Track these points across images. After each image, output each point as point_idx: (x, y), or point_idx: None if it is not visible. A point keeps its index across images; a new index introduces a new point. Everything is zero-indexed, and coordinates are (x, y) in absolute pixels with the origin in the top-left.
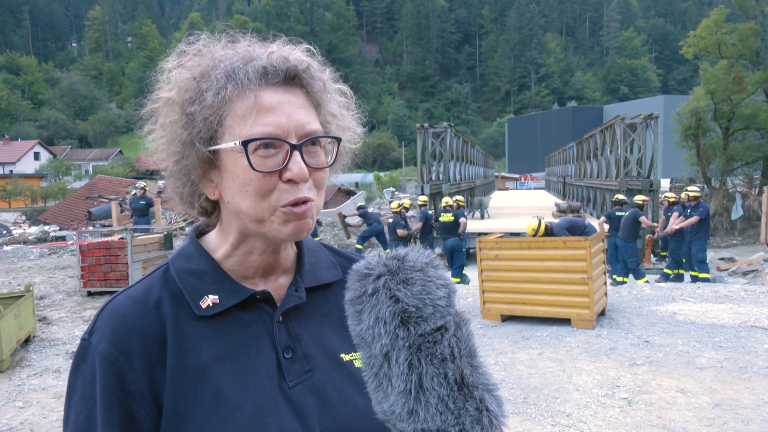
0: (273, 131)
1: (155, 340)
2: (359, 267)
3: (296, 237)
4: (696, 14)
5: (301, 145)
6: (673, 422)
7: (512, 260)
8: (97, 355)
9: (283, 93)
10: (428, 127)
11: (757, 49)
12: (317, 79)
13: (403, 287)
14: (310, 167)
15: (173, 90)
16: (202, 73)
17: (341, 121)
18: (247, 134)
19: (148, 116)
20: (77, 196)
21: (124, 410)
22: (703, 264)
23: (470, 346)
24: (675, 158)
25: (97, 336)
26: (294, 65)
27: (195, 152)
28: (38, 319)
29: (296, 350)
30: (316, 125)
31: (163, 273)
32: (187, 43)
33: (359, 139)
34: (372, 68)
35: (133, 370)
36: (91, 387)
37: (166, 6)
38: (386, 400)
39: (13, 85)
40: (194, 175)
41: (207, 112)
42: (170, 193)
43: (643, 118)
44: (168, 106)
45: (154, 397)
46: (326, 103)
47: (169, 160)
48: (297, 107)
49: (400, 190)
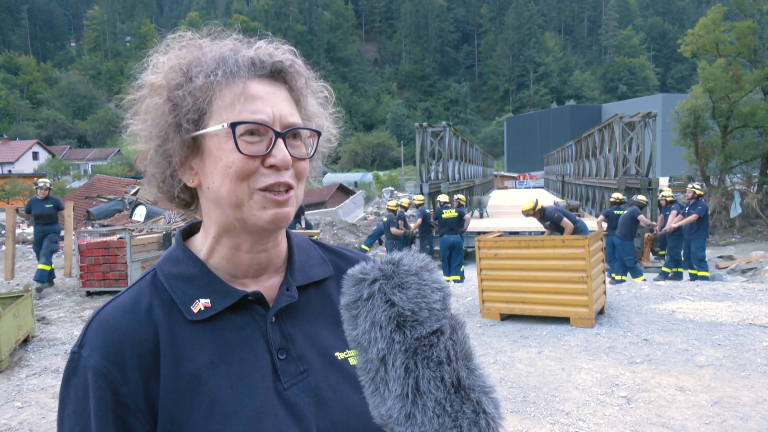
0: (261, 118)
1: (148, 350)
2: (354, 272)
3: (276, 225)
4: (694, 13)
5: (285, 133)
6: (672, 420)
7: (511, 259)
8: (89, 368)
9: (268, 85)
10: (427, 126)
11: (755, 47)
12: (301, 76)
13: (398, 291)
14: (292, 156)
15: (160, 76)
16: (190, 61)
17: (320, 119)
18: (236, 118)
19: (130, 105)
20: (76, 195)
21: (120, 422)
22: (702, 262)
23: (466, 348)
24: (673, 157)
25: (87, 348)
26: (280, 60)
27: (180, 136)
28: (37, 319)
29: (290, 351)
30: (298, 118)
31: (152, 279)
32: (174, 38)
33: (335, 139)
34: (371, 67)
35: (127, 381)
36: (84, 401)
37: (164, 5)
38: (383, 405)
39: (11, 85)
40: (175, 161)
41: (196, 95)
42: (147, 180)
43: (642, 116)
44: (153, 91)
45: (149, 407)
46: (307, 100)
47: (150, 144)
48: (281, 100)
49: (399, 190)
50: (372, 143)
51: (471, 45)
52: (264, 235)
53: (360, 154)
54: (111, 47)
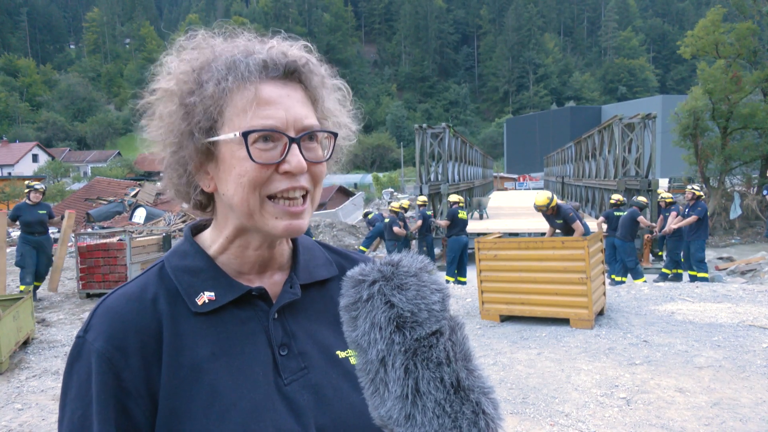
0: (273, 124)
1: (151, 337)
2: (353, 273)
3: (291, 235)
4: (694, 14)
5: (299, 138)
6: (671, 421)
7: (511, 260)
8: (93, 352)
9: (282, 87)
10: (427, 128)
11: (755, 49)
12: (316, 74)
13: (397, 292)
14: (307, 161)
15: (172, 81)
16: (201, 65)
17: (338, 118)
18: (247, 126)
19: (145, 109)
20: (76, 197)
21: (120, 407)
22: (701, 263)
23: (465, 349)
24: (673, 158)
25: (92, 333)
26: (293, 60)
27: (193, 143)
28: (37, 321)
29: (292, 347)
30: (314, 120)
31: (159, 270)
32: (186, 38)
33: (354, 136)
34: (370, 69)
35: (129, 367)
36: (87, 384)
37: (164, 7)
38: (383, 406)
39: (11, 87)
40: (191, 167)
41: (207, 103)
42: (165, 185)
43: (641, 117)
44: (166, 97)
45: (150, 395)
46: (324, 98)
47: (165, 151)
48: (296, 102)
49: (399, 191)
50: (372, 145)
51: (470, 46)
52: (276, 238)
53: (360, 155)
54: (110, 49)
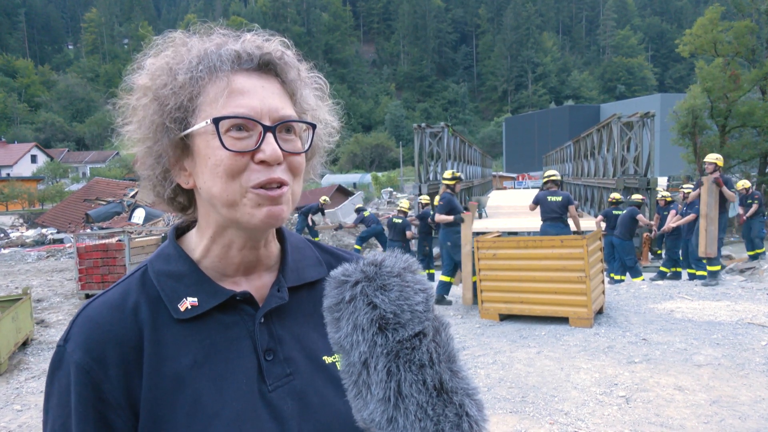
0: (245, 112)
1: (131, 348)
2: (336, 274)
3: (270, 223)
4: (692, 12)
5: (275, 127)
6: (670, 419)
7: (510, 259)
8: (72, 363)
9: (257, 78)
10: (425, 127)
11: (753, 47)
12: (292, 67)
13: (380, 293)
14: (284, 151)
15: (146, 77)
16: (175, 59)
17: (317, 112)
18: (219, 114)
19: (123, 108)
20: (75, 198)
21: (100, 418)
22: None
23: (449, 350)
24: (672, 156)
25: (72, 344)
26: (268, 52)
27: (167, 135)
28: (36, 322)
29: (277, 352)
30: (291, 111)
31: (142, 275)
32: (162, 39)
33: (336, 133)
34: (369, 68)
35: (108, 379)
36: (67, 394)
37: (162, 8)
38: (366, 408)
39: (9, 88)
40: (166, 161)
41: (179, 93)
42: (143, 183)
43: (640, 116)
44: (141, 92)
45: (130, 406)
46: (301, 92)
47: (141, 146)
48: (271, 93)
49: (398, 191)
50: (371, 144)
51: (469, 46)
52: (257, 233)
53: (359, 155)
54: (109, 50)
